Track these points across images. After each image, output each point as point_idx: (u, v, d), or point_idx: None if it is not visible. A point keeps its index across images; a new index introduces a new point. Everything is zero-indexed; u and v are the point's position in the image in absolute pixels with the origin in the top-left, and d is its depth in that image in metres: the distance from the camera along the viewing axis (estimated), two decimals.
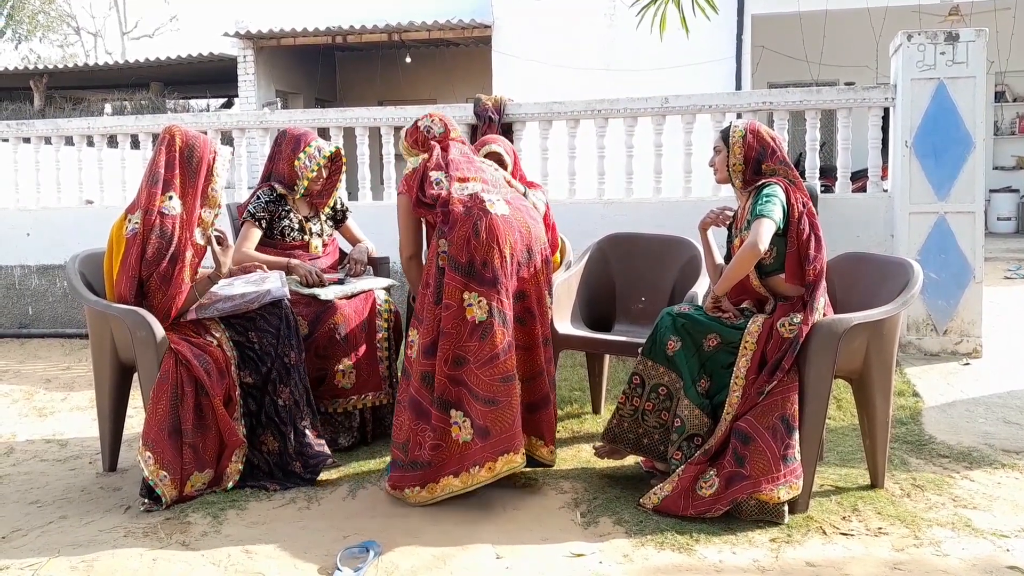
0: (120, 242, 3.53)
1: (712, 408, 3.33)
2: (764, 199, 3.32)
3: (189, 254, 3.53)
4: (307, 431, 3.68)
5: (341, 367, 3.98)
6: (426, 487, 3.34)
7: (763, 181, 3.41)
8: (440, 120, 3.73)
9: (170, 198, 3.52)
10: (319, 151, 4.18)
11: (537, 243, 3.54)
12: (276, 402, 3.65)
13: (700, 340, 3.37)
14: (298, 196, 4.24)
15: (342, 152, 4.32)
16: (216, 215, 3.64)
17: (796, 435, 3.16)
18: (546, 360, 3.53)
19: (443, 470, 3.32)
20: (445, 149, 3.64)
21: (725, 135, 3.52)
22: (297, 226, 4.24)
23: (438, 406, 3.34)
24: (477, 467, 3.29)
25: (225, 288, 3.73)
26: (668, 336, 3.39)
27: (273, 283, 3.77)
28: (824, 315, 3.31)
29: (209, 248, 3.63)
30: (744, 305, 3.49)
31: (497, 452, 3.28)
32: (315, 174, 4.17)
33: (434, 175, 3.54)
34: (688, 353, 3.36)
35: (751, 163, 3.46)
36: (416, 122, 3.73)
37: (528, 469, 3.52)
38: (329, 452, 3.71)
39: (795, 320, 3.25)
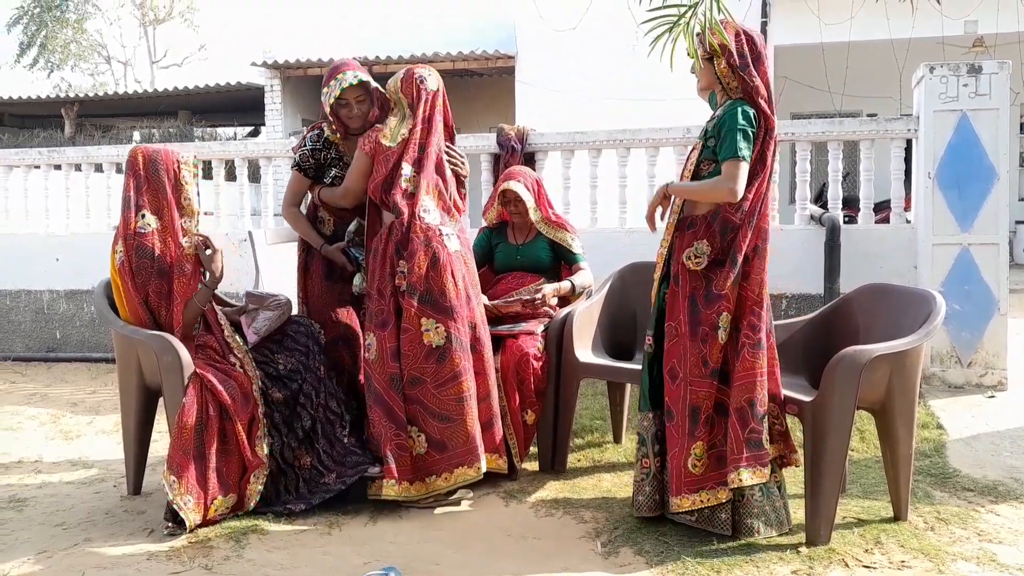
0: (116, 276, 3.61)
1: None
2: (738, 133, 3.11)
3: (187, 267, 3.59)
4: (346, 438, 3.69)
5: None
6: (392, 483, 3.52)
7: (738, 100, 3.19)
8: (437, 78, 3.83)
9: (143, 216, 3.59)
10: (351, 78, 3.81)
11: (474, 275, 3.85)
12: (314, 415, 3.69)
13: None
14: (339, 137, 3.95)
15: (373, 83, 3.91)
16: (196, 223, 3.67)
17: (765, 421, 3.13)
18: (492, 383, 3.81)
19: (404, 475, 3.55)
20: (428, 128, 3.74)
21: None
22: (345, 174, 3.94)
23: (398, 421, 3.58)
24: (434, 476, 3.59)
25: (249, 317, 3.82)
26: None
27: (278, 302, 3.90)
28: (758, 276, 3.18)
29: (199, 255, 3.67)
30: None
31: (454, 464, 3.59)
32: (339, 100, 3.83)
33: (406, 169, 3.68)
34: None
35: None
36: (412, 71, 3.79)
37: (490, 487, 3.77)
38: (370, 459, 3.61)
39: (701, 250, 3.18)
